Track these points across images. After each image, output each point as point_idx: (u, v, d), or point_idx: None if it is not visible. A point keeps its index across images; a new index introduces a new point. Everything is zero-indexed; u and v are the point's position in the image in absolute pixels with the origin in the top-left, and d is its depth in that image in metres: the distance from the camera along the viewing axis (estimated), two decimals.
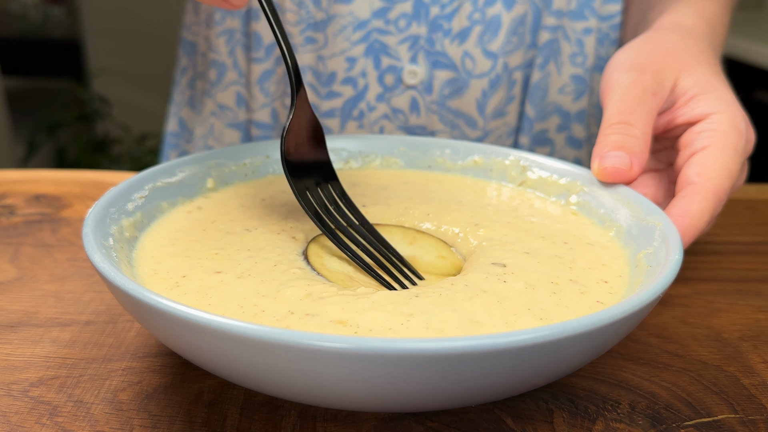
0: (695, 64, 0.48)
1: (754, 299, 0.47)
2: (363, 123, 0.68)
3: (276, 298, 0.35)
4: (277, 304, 0.35)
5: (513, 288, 0.37)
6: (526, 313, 0.34)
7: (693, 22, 0.53)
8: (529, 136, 0.69)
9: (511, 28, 0.64)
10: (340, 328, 0.33)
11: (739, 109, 0.46)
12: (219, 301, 0.35)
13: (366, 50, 0.65)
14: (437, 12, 0.64)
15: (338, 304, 0.34)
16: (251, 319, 0.34)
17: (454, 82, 0.66)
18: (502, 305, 0.35)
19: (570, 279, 0.38)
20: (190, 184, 0.47)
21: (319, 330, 0.32)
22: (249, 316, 0.34)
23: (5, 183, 0.62)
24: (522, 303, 0.35)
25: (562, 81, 0.68)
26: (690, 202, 0.42)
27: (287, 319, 0.33)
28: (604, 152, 0.45)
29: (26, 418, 0.35)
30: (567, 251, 0.41)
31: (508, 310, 0.35)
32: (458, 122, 0.67)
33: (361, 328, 0.32)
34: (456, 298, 0.35)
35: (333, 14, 0.65)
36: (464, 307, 0.34)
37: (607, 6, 0.67)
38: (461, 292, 0.36)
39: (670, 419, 0.36)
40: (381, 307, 0.34)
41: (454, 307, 0.34)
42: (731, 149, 0.44)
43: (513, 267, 0.39)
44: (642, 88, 0.46)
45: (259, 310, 0.34)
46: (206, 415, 0.35)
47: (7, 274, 0.48)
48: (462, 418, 0.35)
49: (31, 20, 3.10)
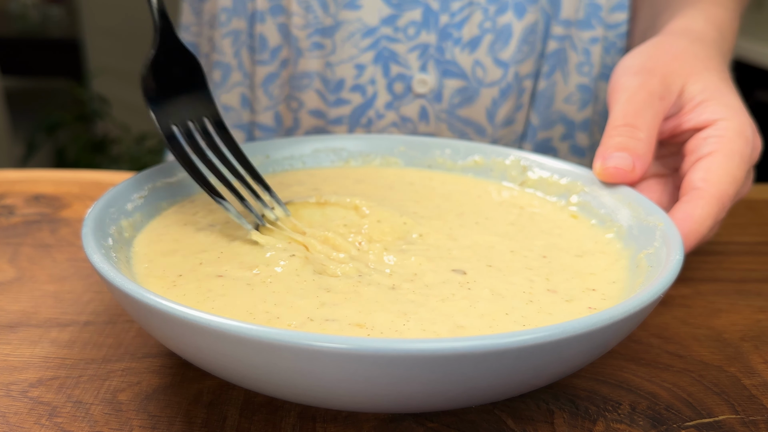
0: (703, 70, 0.48)
1: (755, 299, 0.47)
2: (371, 131, 0.67)
3: (291, 306, 0.35)
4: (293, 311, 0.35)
5: (480, 295, 0.37)
6: (505, 318, 0.35)
7: (702, 28, 0.53)
8: (533, 144, 0.69)
9: (522, 37, 0.64)
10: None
11: (747, 117, 0.46)
12: (222, 305, 0.35)
13: (375, 57, 0.65)
14: (447, 20, 0.64)
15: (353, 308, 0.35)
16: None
17: (465, 90, 0.66)
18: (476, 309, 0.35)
19: (548, 289, 0.38)
20: (189, 185, 0.47)
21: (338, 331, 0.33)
22: (263, 321, 0.34)
23: (4, 183, 0.62)
24: (497, 308, 0.35)
25: (568, 90, 0.68)
26: (693, 207, 0.42)
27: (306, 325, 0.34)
28: (608, 153, 0.45)
29: (25, 418, 0.35)
30: (544, 264, 0.41)
31: (486, 315, 0.35)
32: (467, 130, 0.67)
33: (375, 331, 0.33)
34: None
35: (341, 20, 0.64)
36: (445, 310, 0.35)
37: (615, 14, 0.66)
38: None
39: (670, 420, 0.36)
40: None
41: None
42: (737, 156, 0.44)
43: (473, 275, 0.39)
44: (649, 91, 0.46)
45: (274, 316, 0.34)
46: (206, 416, 0.35)
47: (6, 274, 0.48)
48: (462, 419, 0.35)
49: (30, 20, 3.10)
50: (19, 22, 3.09)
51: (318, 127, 0.68)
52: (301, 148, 0.53)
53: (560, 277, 0.39)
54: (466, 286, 0.37)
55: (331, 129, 0.68)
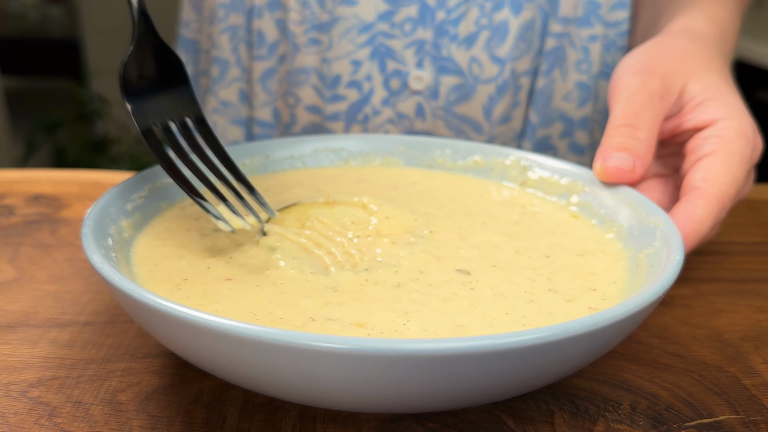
0: (704, 70, 0.48)
1: (755, 299, 0.47)
2: (367, 127, 0.67)
3: (296, 307, 0.35)
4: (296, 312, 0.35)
5: (482, 295, 0.37)
6: (505, 317, 0.35)
7: (703, 28, 0.53)
8: (532, 142, 0.69)
9: (518, 34, 0.64)
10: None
11: (747, 117, 0.46)
12: (226, 307, 0.35)
13: (371, 54, 0.65)
14: (443, 17, 0.64)
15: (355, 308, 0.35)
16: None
17: (461, 87, 0.66)
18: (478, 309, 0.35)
19: (549, 289, 0.38)
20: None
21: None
22: (266, 322, 0.34)
23: (4, 183, 0.62)
24: (498, 308, 0.36)
25: (567, 88, 0.68)
26: (693, 207, 0.42)
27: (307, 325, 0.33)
28: (608, 153, 0.44)
29: (25, 418, 0.35)
30: (547, 264, 0.41)
31: (487, 314, 0.35)
32: (464, 127, 0.67)
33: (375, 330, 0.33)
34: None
35: (338, 16, 0.64)
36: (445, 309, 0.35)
37: (615, 13, 0.66)
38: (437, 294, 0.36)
39: (671, 420, 0.36)
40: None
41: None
42: (737, 156, 0.44)
43: (477, 275, 0.39)
44: (649, 92, 0.46)
45: (277, 317, 0.34)
46: (205, 416, 0.35)
47: (6, 274, 0.48)
48: (462, 419, 0.35)
49: (30, 20, 3.10)
50: (19, 21, 3.09)
51: (315, 123, 0.68)
52: (301, 148, 0.53)
53: (562, 276, 0.39)
54: (468, 285, 0.37)
55: (328, 125, 0.68)
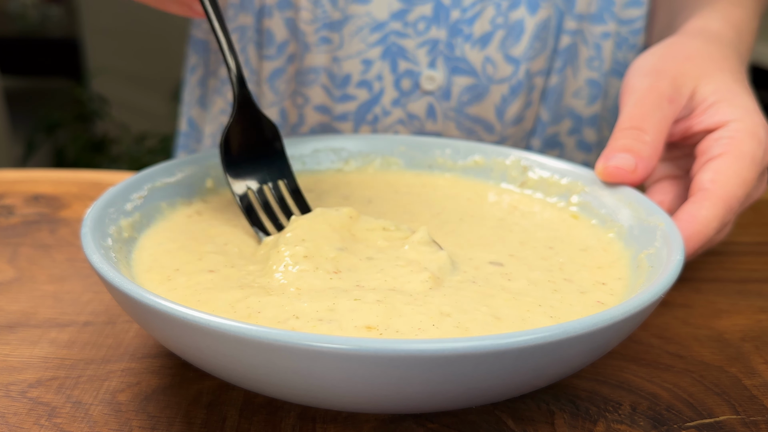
0: (716, 71, 0.47)
1: (756, 300, 0.47)
2: (377, 128, 0.66)
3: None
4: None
5: (519, 286, 0.37)
6: (537, 310, 0.35)
7: (719, 28, 0.52)
8: (541, 139, 0.68)
9: (534, 33, 0.63)
10: (369, 331, 0.33)
11: (761, 118, 0.45)
12: (209, 303, 0.35)
13: (383, 53, 0.64)
14: (458, 16, 0.63)
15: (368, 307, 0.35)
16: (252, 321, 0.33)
17: (474, 88, 0.65)
18: (517, 301, 0.36)
19: (564, 279, 0.38)
20: (189, 185, 0.47)
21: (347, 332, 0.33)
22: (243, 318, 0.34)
23: (4, 183, 0.62)
24: (532, 300, 0.36)
25: (577, 85, 0.67)
26: (698, 208, 0.42)
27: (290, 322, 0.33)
28: (611, 154, 0.44)
29: (25, 419, 0.35)
30: (553, 254, 0.42)
31: (523, 306, 0.35)
32: (476, 128, 0.66)
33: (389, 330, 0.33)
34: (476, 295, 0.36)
35: (350, 14, 0.63)
36: (489, 303, 0.35)
37: (629, 10, 0.65)
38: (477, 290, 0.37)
39: (671, 420, 0.36)
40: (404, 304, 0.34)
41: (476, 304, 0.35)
42: (748, 157, 0.43)
43: (508, 267, 0.39)
44: (658, 94, 0.45)
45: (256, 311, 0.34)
46: (205, 417, 0.35)
47: (6, 274, 0.48)
48: (462, 420, 0.35)
49: (29, 20, 3.10)
50: (19, 21, 3.09)
51: (323, 123, 0.68)
52: (300, 147, 0.53)
53: (571, 267, 0.40)
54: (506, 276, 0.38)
55: (336, 125, 0.67)
